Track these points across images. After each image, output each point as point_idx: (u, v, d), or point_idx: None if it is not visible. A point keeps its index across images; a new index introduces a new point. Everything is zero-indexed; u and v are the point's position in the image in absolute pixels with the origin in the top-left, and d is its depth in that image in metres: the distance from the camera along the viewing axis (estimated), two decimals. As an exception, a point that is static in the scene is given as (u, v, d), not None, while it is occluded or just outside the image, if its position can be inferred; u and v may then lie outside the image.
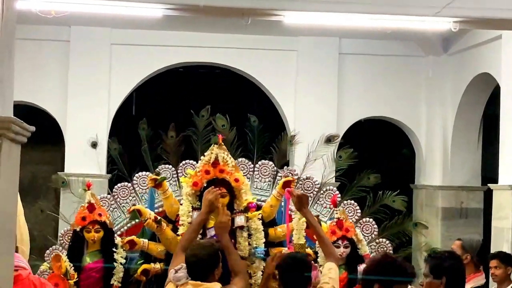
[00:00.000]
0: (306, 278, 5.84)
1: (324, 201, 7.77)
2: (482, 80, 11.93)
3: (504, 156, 10.64)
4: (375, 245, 7.94)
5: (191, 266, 5.56)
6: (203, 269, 5.55)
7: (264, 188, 7.78)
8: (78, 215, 6.75)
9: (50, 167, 14.06)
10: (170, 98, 14.59)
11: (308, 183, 8.00)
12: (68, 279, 6.56)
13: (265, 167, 7.91)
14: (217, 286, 5.60)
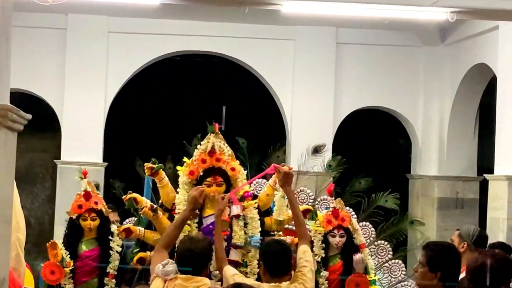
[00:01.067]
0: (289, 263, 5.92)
1: (321, 211, 7.78)
2: (479, 70, 11.94)
3: (500, 146, 10.66)
4: (374, 247, 7.96)
5: (185, 260, 5.54)
6: (198, 262, 5.55)
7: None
8: (74, 203, 6.75)
9: (46, 155, 14.07)
10: (167, 87, 14.59)
11: (302, 195, 8.05)
12: (64, 267, 6.56)
13: (260, 186, 8.02)
14: (206, 280, 5.60)
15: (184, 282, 5.44)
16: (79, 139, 12.50)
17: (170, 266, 5.55)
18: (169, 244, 5.93)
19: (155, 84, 14.30)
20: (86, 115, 12.53)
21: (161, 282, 5.54)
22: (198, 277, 5.50)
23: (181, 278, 5.49)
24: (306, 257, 6.07)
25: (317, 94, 12.94)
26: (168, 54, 13.06)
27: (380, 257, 8.06)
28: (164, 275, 5.54)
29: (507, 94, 10.52)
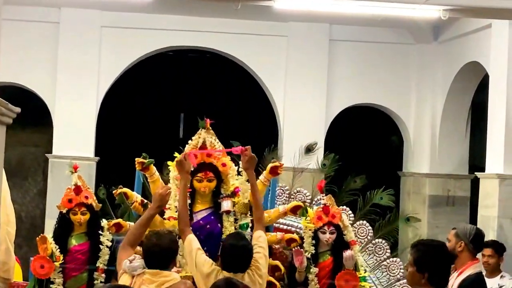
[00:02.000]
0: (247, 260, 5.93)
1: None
2: (471, 68, 11.95)
3: (492, 144, 10.68)
4: (372, 246, 7.95)
5: (152, 255, 5.49)
6: (164, 257, 5.51)
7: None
8: (65, 197, 6.74)
9: (38, 149, 14.04)
10: (159, 82, 14.57)
11: (299, 195, 8.05)
12: (54, 261, 6.55)
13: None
14: (174, 275, 5.55)
15: (152, 277, 5.39)
16: (71, 133, 12.48)
17: (137, 261, 5.50)
18: (135, 242, 5.87)
19: (148, 79, 14.28)
20: (78, 109, 12.51)
21: (128, 278, 5.50)
22: (166, 271, 5.46)
23: (149, 273, 5.44)
24: (260, 243, 6.10)
25: (310, 91, 12.94)
26: (161, 49, 13.04)
27: (378, 256, 8.04)
28: (131, 270, 5.49)
29: (499, 92, 10.53)
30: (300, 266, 6.77)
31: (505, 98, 10.40)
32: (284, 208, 6.90)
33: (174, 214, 6.56)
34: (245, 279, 5.83)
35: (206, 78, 14.53)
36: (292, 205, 6.88)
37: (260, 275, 5.96)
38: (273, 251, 7.01)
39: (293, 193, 8.16)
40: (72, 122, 12.48)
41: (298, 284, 6.85)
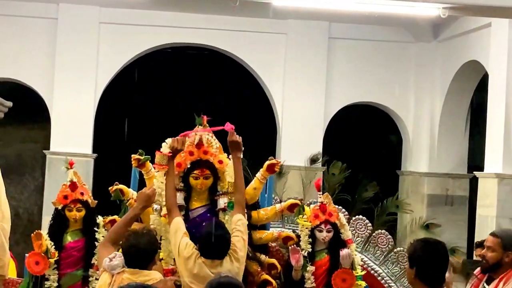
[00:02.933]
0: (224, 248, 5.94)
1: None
2: (471, 67, 11.94)
3: (491, 144, 10.67)
4: (395, 255, 7.87)
5: (131, 255, 5.44)
6: (143, 257, 5.47)
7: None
8: (60, 194, 6.70)
9: (36, 145, 14.01)
10: (157, 78, 14.54)
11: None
12: (49, 258, 6.52)
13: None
14: (156, 275, 5.50)
15: (131, 276, 5.34)
16: (68, 130, 12.47)
17: (117, 260, 5.46)
18: (116, 240, 5.81)
19: (146, 76, 14.25)
20: (76, 106, 12.50)
21: (108, 277, 5.46)
22: (146, 271, 5.42)
23: (129, 272, 5.40)
24: (238, 227, 6.09)
25: (309, 89, 12.93)
26: (159, 46, 13.03)
27: (402, 264, 7.93)
28: (111, 269, 5.45)
29: (499, 91, 10.52)
30: (296, 264, 6.73)
31: (505, 98, 10.39)
32: (281, 206, 6.87)
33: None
34: (223, 265, 5.86)
35: (204, 75, 14.50)
36: (289, 203, 6.84)
37: (237, 258, 5.96)
38: (270, 249, 6.97)
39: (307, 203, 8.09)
40: (70, 119, 12.46)
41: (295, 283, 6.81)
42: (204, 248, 5.94)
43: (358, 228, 7.84)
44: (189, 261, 5.91)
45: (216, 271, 5.74)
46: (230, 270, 5.78)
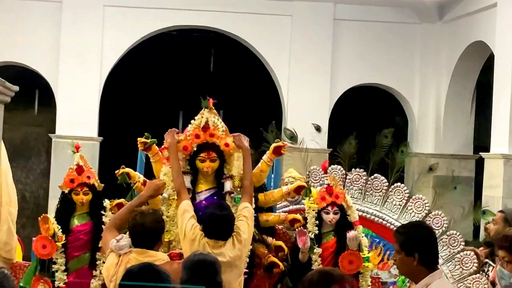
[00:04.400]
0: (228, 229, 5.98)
1: (394, 198, 7.85)
2: (476, 48, 11.89)
3: (497, 125, 10.63)
4: (446, 237, 7.84)
5: (137, 234, 5.47)
6: (150, 235, 5.50)
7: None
8: (67, 177, 6.70)
9: (41, 129, 14.01)
10: (163, 61, 14.51)
11: (376, 182, 7.98)
12: (56, 241, 6.53)
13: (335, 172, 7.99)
14: (161, 256, 5.53)
15: (138, 256, 5.37)
16: (74, 113, 12.46)
17: (124, 240, 5.49)
18: (121, 226, 5.85)
19: (151, 59, 14.22)
20: (81, 89, 12.48)
21: (115, 257, 5.50)
22: (152, 251, 5.44)
23: (136, 252, 5.43)
24: (244, 213, 6.15)
25: (314, 71, 12.90)
26: (164, 28, 12.99)
27: (452, 248, 7.88)
28: (118, 249, 5.48)
29: (505, 72, 10.48)
30: (303, 246, 6.74)
31: (511, 78, 10.35)
32: (288, 188, 6.86)
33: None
34: (226, 246, 5.89)
35: (209, 57, 14.47)
36: (296, 185, 6.84)
37: (240, 240, 5.99)
38: (277, 232, 6.98)
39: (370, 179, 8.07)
40: (76, 102, 12.46)
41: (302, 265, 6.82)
42: (208, 228, 5.97)
43: (416, 208, 7.83)
44: (194, 242, 5.94)
45: (219, 251, 5.76)
46: (233, 251, 5.80)
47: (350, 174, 7.98)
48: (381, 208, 7.78)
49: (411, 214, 7.71)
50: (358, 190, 7.87)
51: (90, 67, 12.54)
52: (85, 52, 12.47)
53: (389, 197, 7.81)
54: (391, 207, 7.78)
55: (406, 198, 7.82)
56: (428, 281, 4.22)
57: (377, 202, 7.82)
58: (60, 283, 6.53)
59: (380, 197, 7.81)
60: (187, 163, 6.64)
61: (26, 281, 6.56)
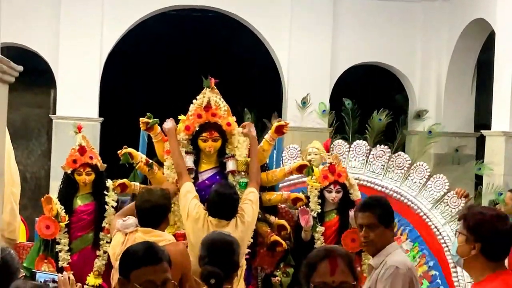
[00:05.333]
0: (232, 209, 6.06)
1: (415, 176, 7.81)
2: (477, 25, 11.87)
3: (498, 102, 10.63)
4: (447, 198, 7.80)
5: (145, 210, 5.53)
6: (157, 212, 5.54)
7: (358, 167, 7.84)
8: (69, 158, 6.70)
9: (42, 110, 14.00)
10: (162, 41, 14.49)
11: (399, 159, 7.96)
12: (59, 222, 6.54)
13: (359, 147, 7.98)
14: (166, 236, 5.54)
15: (143, 235, 5.39)
16: (74, 94, 12.45)
17: (131, 220, 5.55)
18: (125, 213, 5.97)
19: (151, 38, 14.19)
20: (81, 70, 12.46)
21: (121, 236, 5.54)
22: (159, 231, 5.46)
23: (142, 231, 5.47)
24: (249, 197, 6.23)
25: (314, 49, 12.87)
26: (164, 8, 12.95)
27: (452, 207, 7.89)
28: (124, 228, 5.53)
29: (506, 49, 10.46)
30: (306, 225, 6.75)
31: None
32: (290, 167, 6.87)
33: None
34: (229, 226, 5.94)
35: (209, 37, 14.43)
36: (298, 164, 6.84)
37: (243, 222, 6.04)
38: (279, 211, 6.99)
39: (393, 156, 8.06)
40: (76, 83, 12.44)
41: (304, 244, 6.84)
42: (212, 206, 6.01)
43: (436, 186, 7.81)
44: (198, 221, 6.00)
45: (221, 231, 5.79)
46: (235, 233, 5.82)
47: (375, 150, 7.93)
48: (401, 185, 7.74)
49: (430, 192, 7.69)
50: (380, 166, 7.82)
51: (90, 47, 12.50)
52: (85, 33, 12.44)
53: (410, 174, 7.79)
54: (410, 185, 7.76)
55: (426, 177, 7.80)
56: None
57: (397, 179, 7.79)
58: (64, 263, 6.54)
59: (401, 174, 7.79)
60: (189, 143, 6.66)
61: (29, 262, 6.57)
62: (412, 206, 7.72)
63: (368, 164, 7.85)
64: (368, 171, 7.83)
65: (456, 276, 7.59)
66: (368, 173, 7.81)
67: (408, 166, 7.91)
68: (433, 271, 7.65)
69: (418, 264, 7.59)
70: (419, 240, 7.66)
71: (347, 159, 7.87)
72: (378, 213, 4.79)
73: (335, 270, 3.41)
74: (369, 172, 7.81)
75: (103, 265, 6.57)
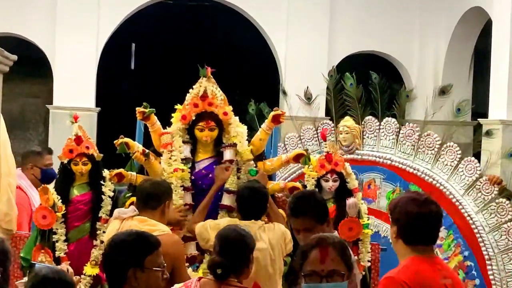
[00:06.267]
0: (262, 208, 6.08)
1: (446, 158, 7.58)
2: (474, 14, 11.86)
3: (495, 91, 10.64)
4: (494, 206, 7.56)
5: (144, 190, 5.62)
6: (156, 192, 5.59)
7: (389, 146, 7.74)
8: (66, 148, 6.68)
9: (38, 100, 13.99)
10: (159, 31, 14.46)
11: (428, 139, 7.77)
12: (56, 212, 6.53)
13: (389, 125, 7.89)
14: (161, 226, 5.50)
15: (138, 223, 5.41)
16: (71, 84, 12.43)
17: (130, 208, 5.64)
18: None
19: (148, 28, 14.17)
20: (78, 60, 12.44)
21: (118, 223, 5.58)
22: (154, 221, 5.47)
23: (137, 219, 5.49)
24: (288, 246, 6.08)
25: (311, 38, 12.86)
26: (161, -3, 12.94)
27: (500, 217, 7.53)
28: (122, 213, 5.59)
29: (503, 37, 10.45)
30: (303, 214, 6.74)
31: (509, 44, 10.33)
32: (287, 156, 6.86)
33: (180, 166, 6.52)
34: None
35: (206, 26, 14.41)
36: (295, 153, 6.83)
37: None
38: (276, 200, 6.98)
39: (423, 136, 7.84)
40: (72, 73, 12.42)
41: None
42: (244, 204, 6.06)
43: (467, 171, 7.50)
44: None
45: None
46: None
47: (404, 128, 7.73)
48: (432, 167, 7.46)
49: (462, 176, 7.37)
50: (410, 146, 7.57)
51: (86, 37, 12.48)
52: (81, 22, 12.42)
53: (441, 156, 7.47)
54: (442, 167, 7.43)
55: (457, 159, 7.46)
56: None
57: (428, 160, 7.50)
58: (61, 253, 6.53)
59: (432, 155, 7.49)
60: (186, 132, 6.65)
61: (26, 252, 6.57)
62: (444, 191, 7.39)
63: (399, 144, 7.61)
64: (399, 152, 7.60)
65: (491, 269, 7.30)
66: (400, 153, 7.57)
67: (438, 146, 7.56)
68: (468, 262, 7.31)
69: (453, 253, 7.32)
70: (453, 228, 7.33)
71: (378, 137, 7.69)
72: (313, 214, 4.74)
73: (325, 258, 3.41)
74: (400, 152, 7.58)
75: (100, 255, 6.55)
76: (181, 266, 5.34)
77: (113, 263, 3.69)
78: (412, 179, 7.35)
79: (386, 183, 7.79)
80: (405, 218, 3.94)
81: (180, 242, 5.63)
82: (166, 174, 6.49)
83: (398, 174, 7.17)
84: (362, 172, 7.90)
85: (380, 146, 7.52)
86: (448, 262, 6.96)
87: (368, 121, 7.89)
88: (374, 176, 7.75)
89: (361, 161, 7.86)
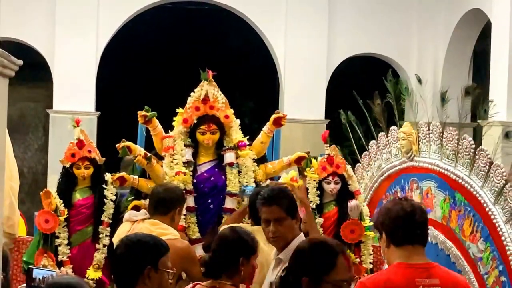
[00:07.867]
0: None
1: (480, 163, 6.68)
2: (473, 15, 11.87)
3: (494, 92, 10.64)
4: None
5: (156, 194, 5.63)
6: (168, 198, 5.60)
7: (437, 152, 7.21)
8: (68, 152, 6.69)
9: (38, 104, 14.00)
10: (159, 34, 14.48)
11: (465, 143, 7.21)
12: (58, 216, 6.54)
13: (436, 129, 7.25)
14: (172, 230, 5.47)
15: (150, 226, 5.41)
16: (71, 88, 12.43)
17: (141, 211, 5.68)
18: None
19: (147, 32, 14.18)
20: (77, 64, 12.44)
21: (128, 225, 5.60)
22: (165, 225, 5.47)
23: (149, 222, 5.50)
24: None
25: (310, 41, 12.86)
26: (160, 1, 12.94)
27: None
28: (132, 216, 5.63)
29: (502, 39, 10.47)
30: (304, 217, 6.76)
31: (508, 46, 10.35)
32: (288, 159, 6.87)
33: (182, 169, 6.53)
34: None
35: (205, 30, 14.42)
36: (297, 156, 6.84)
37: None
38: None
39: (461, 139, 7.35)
40: (72, 77, 12.43)
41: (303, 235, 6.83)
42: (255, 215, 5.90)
43: (496, 176, 6.63)
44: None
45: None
46: None
47: (445, 132, 7.09)
48: (470, 174, 6.73)
49: (493, 183, 6.56)
50: (452, 152, 6.93)
51: (86, 41, 12.49)
52: (81, 26, 12.42)
53: (476, 161, 6.71)
54: (477, 173, 6.69)
55: (488, 164, 6.64)
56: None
57: (466, 166, 6.79)
58: (63, 257, 6.55)
59: (468, 161, 6.78)
60: (188, 135, 6.67)
61: (29, 256, 6.58)
62: (480, 200, 6.66)
63: (444, 149, 7.03)
64: (445, 158, 7.02)
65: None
66: (445, 159, 7.01)
67: (473, 151, 6.83)
68: (503, 277, 6.46)
69: (491, 267, 6.59)
70: (489, 240, 6.56)
71: (428, 143, 7.21)
72: (285, 205, 4.74)
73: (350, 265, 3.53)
74: (445, 159, 7.01)
75: (102, 259, 6.57)
76: (193, 269, 5.33)
77: (129, 262, 3.70)
78: (457, 187, 6.81)
79: (439, 191, 7.15)
80: (388, 217, 3.97)
81: (189, 247, 5.62)
82: (168, 177, 6.49)
83: (446, 181, 6.76)
84: (421, 180, 7.35)
85: (431, 152, 7.11)
86: (487, 277, 6.55)
87: (420, 126, 7.40)
88: (430, 184, 7.19)
89: (419, 169, 7.34)
